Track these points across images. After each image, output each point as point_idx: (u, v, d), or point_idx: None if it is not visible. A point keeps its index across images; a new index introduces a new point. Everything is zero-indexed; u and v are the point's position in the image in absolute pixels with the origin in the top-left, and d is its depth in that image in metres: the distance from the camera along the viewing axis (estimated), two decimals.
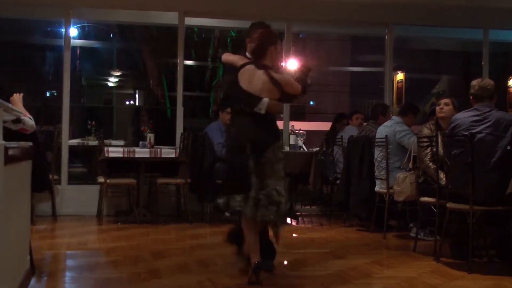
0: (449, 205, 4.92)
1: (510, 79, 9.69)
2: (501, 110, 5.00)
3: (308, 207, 8.40)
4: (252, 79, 4.32)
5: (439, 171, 5.20)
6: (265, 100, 4.27)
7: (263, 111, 4.27)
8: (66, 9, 7.86)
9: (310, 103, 14.63)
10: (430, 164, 5.42)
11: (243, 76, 4.35)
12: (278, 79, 4.32)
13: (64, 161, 7.79)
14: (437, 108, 5.84)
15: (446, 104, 5.77)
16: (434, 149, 5.29)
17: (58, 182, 7.65)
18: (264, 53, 4.39)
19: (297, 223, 7.45)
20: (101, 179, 7.06)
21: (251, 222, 4.26)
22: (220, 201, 4.31)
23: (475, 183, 4.68)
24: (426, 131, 5.81)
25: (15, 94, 4.56)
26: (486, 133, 4.75)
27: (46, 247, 5.49)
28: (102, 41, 11.69)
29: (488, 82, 5.04)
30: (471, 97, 5.01)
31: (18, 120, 4.08)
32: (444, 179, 5.11)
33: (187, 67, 10.11)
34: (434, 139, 5.30)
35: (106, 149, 6.95)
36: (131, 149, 7.09)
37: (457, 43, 11.14)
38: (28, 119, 4.23)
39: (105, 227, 6.82)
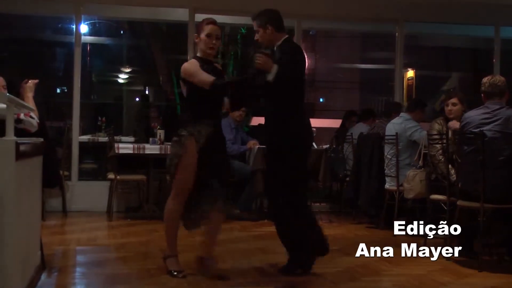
0: (459, 202, 4.90)
1: None
2: None
3: (318, 204, 8.39)
4: None
5: (450, 167, 5.18)
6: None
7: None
8: (76, 5, 7.88)
9: (319, 100, 14.60)
10: (441, 158, 5.38)
11: None
12: (182, 68, 4.14)
13: (75, 157, 7.81)
14: (446, 108, 5.83)
15: (454, 104, 5.75)
16: (445, 145, 5.27)
17: (69, 178, 7.68)
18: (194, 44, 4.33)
19: None
20: (111, 175, 7.08)
21: None
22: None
23: (485, 181, 4.65)
24: (437, 126, 5.78)
25: (29, 81, 4.38)
26: (494, 131, 4.72)
27: (56, 243, 5.51)
28: (112, 38, 11.69)
29: (498, 78, 5.01)
30: (482, 94, 4.98)
31: (19, 120, 3.93)
32: (454, 175, 5.09)
33: None
34: (444, 135, 5.29)
35: (116, 145, 6.98)
36: (141, 145, 7.10)
37: (468, 40, 11.08)
38: (29, 120, 4.04)
39: (114, 223, 6.84)
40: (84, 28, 8.49)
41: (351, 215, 7.44)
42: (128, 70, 12.66)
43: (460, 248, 5.13)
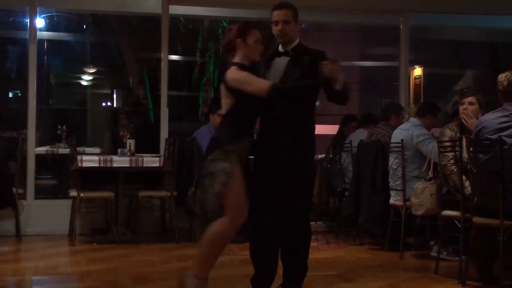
0: (476, 219, 4.91)
1: None
2: None
3: (313, 223, 8.37)
4: None
5: (464, 179, 5.19)
6: None
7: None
8: None
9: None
10: (454, 168, 5.40)
11: None
12: (230, 78, 4.23)
13: (30, 172, 7.76)
14: (461, 108, 5.83)
15: (471, 104, 5.76)
16: (458, 153, 5.29)
17: (23, 196, 7.61)
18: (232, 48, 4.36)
19: None
20: (73, 193, 7.04)
21: None
22: None
23: (505, 194, 4.67)
24: (449, 132, 5.79)
25: None
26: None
27: (9, 273, 5.46)
28: (74, 33, 11.68)
29: None
30: (499, 94, 5.00)
31: None
32: (469, 188, 5.11)
33: (172, 62, 10.11)
34: (458, 143, 5.30)
35: (79, 157, 6.94)
36: (108, 157, 7.07)
37: (483, 32, 11.15)
38: None
39: (78, 248, 6.80)
40: (40, 22, 8.46)
41: (351, 235, 7.44)
42: (92, 70, 12.63)
43: (477, 271, 5.17)
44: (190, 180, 7.17)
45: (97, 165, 6.95)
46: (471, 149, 5.00)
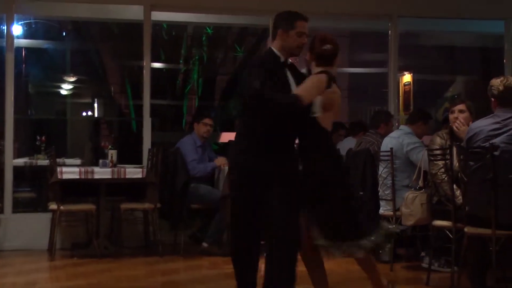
0: (467, 229, 4.93)
1: None
2: None
3: None
4: None
5: (455, 188, 5.23)
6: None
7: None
8: (7, 2, 7.84)
9: None
10: (445, 177, 5.43)
11: None
12: None
13: (8, 184, 7.73)
14: (451, 116, 5.87)
15: (461, 111, 5.80)
16: (448, 162, 5.32)
17: (1, 210, 7.60)
18: None
19: None
20: (53, 206, 7.02)
21: None
22: None
23: (500, 203, 4.69)
24: (439, 140, 5.83)
25: None
26: (506, 143, 4.78)
27: None
28: (53, 41, 11.66)
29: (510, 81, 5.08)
30: (493, 99, 5.01)
31: None
32: (460, 197, 5.14)
33: (155, 70, 10.12)
34: (448, 151, 5.33)
35: (59, 169, 6.93)
36: (89, 169, 7.06)
37: (475, 37, 11.22)
38: None
39: (58, 263, 6.78)
40: (17, 29, 8.43)
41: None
42: (72, 79, 12.61)
43: (470, 283, 5.19)
44: (174, 191, 7.22)
45: (78, 176, 6.93)
46: (461, 157, 5.03)
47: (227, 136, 8.92)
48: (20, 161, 8.54)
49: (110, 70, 12.86)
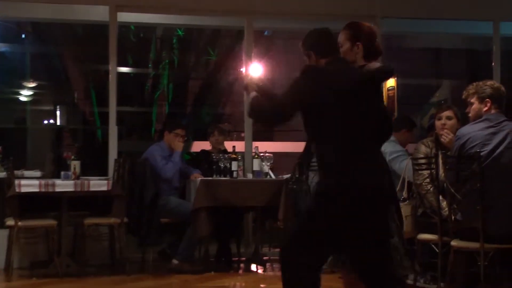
0: (454, 243, 4.96)
1: None
2: None
3: (279, 249, 8.38)
4: None
5: (441, 199, 5.25)
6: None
7: None
8: None
9: None
10: (430, 187, 5.46)
11: None
12: None
13: None
14: (438, 123, 5.91)
15: (449, 118, 5.85)
16: (434, 171, 5.35)
17: None
18: None
19: (264, 271, 7.44)
20: (10, 222, 6.96)
21: None
22: None
23: (489, 214, 4.74)
24: (423, 149, 5.88)
25: None
26: (505, 148, 4.84)
27: None
28: (11, 44, 11.62)
29: (499, 84, 5.16)
30: (487, 99, 5.04)
31: None
32: (446, 209, 5.17)
33: (122, 75, 10.10)
34: (434, 160, 5.36)
35: (17, 182, 6.87)
36: (50, 181, 7.02)
37: (462, 39, 11.33)
38: None
39: (16, 284, 6.73)
40: None
41: None
42: (32, 84, 12.53)
43: None
44: (142, 205, 7.20)
45: (38, 190, 6.88)
46: (447, 166, 5.06)
47: (200, 146, 8.92)
48: None
49: (73, 75, 12.82)
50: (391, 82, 10.55)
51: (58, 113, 12.28)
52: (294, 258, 3.83)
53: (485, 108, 5.06)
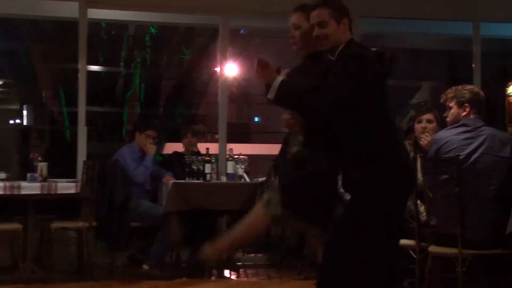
0: (432, 248, 4.99)
1: (510, 85, 9.78)
2: (496, 126, 5.15)
3: (253, 255, 8.40)
4: None
5: (419, 204, 5.28)
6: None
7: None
8: None
9: (254, 119, 14.72)
10: None
11: None
12: None
13: None
14: (418, 126, 5.93)
15: (429, 121, 5.87)
16: None
17: None
18: None
19: (237, 277, 7.43)
20: None
21: None
22: None
23: (467, 220, 4.76)
24: None
25: None
26: (481, 153, 4.86)
27: None
28: None
29: (478, 89, 5.20)
30: (466, 104, 5.08)
31: None
32: (424, 213, 5.19)
33: (92, 74, 10.06)
34: (412, 163, 5.38)
35: None
36: (16, 183, 6.96)
37: (441, 40, 11.39)
38: None
39: None
40: None
41: (296, 268, 7.47)
42: None
43: None
44: (112, 208, 7.17)
45: (2, 192, 6.81)
46: (427, 170, 5.09)
47: (173, 147, 8.90)
48: None
49: (41, 73, 12.77)
50: None
51: (25, 112, 12.24)
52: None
53: (464, 113, 5.10)
